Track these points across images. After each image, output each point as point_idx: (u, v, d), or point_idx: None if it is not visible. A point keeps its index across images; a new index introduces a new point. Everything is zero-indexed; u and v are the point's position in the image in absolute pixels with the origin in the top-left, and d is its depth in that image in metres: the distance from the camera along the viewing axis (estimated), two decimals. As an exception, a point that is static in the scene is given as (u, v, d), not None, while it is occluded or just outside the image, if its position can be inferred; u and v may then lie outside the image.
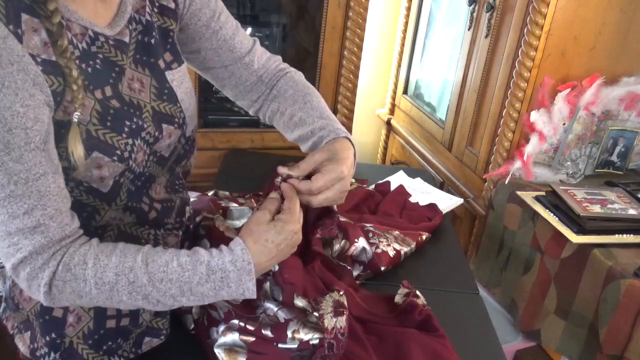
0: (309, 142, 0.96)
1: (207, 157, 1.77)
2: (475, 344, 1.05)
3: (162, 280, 0.75)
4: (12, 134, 0.66)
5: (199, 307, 0.97)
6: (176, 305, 0.78)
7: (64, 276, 0.73)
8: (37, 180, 0.69)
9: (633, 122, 1.66)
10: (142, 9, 0.85)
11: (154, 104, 0.85)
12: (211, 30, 0.96)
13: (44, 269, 0.72)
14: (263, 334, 0.88)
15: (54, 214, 0.72)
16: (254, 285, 0.79)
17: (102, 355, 0.87)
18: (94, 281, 0.73)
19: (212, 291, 0.77)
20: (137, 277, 0.74)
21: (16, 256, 0.71)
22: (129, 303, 0.76)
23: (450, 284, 1.23)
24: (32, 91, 0.67)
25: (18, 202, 0.69)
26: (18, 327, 0.89)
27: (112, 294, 0.75)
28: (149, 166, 0.86)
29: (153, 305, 0.77)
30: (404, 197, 1.49)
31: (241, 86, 1.02)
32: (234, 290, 0.78)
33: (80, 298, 0.75)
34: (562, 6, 1.49)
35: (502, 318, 1.64)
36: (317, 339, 0.87)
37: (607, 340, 1.29)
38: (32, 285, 0.73)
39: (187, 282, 0.76)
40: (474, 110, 1.85)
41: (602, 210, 1.45)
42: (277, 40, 1.91)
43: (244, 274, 0.78)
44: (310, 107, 0.98)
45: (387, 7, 2.37)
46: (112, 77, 0.79)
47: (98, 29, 0.78)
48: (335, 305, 0.93)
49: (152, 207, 0.89)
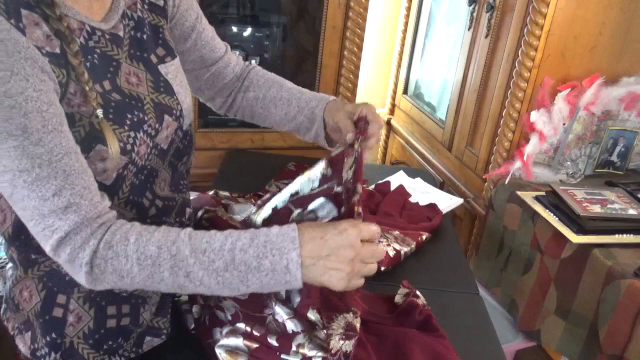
0: (295, 120, 1.05)
1: (207, 157, 1.77)
2: (475, 344, 1.05)
3: (204, 252, 0.72)
4: (28, 118, 0.67)
5: (200, 307, 0.97)
6: (218, 286, 0.73)
7: (106, 254, 0.72)
8: (60, 161, 0.70)
9: (633, 122, 1.66)
10: (133, 5, 0.87)
11: (153, 96, 0.86)
12: (196, 32, 1.00)
13: (84, 247, 0.71)
14: (268, 341, 0.86)
15: (83, 191, 0.72)
16: (299, 260, 0.71)
17: (103, 355, 0.87)
18: (135, 256, 0.72)
19: (255, 260, 0.71)
20: (180, 249, 0.72)
21: (53, 237, 0.71)
22: (170, 282, 0.73)
23: (450, 284, 1.23)
24: (42, 77, 0.69)
25: (45, 185, 0.69)
26: (18, 327, 0.89)
27: (153, 271, 0.72)
28: (151, 159, 0.86)
29: (195, 286, 0.73)
30: (404, 197, 1.49)
31: (219, 84, 1.10)
32: (277, 261, 0.71)
33: (121, 279, 0.73)
34: (562, 6, 1.49)
35: (502, 318, 1.64)
36: (320, 358, 0.84)
37: (607, 340, 1.29)
38: (73, 266, 0.72)
39: (230, 249, 0.72)
40: (474, 110, 1.85)
41: (602, 210, 1.45)
42: (277, 40, 1.91)
43: (288, 242, 0.72)
44: (287, 87, 1.08)
45: (387, 7, 2.37)
46: (110, 72, 0.80)
47: (94, 24, 0.79)
48: (346, 328, 0.89)
49: (153, 203, 0.89)
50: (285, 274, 0.72)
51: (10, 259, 0.88)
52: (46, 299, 0.85)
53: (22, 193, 0.69)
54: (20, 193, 0.69)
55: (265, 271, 0.72)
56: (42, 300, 0.85)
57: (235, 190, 1.36)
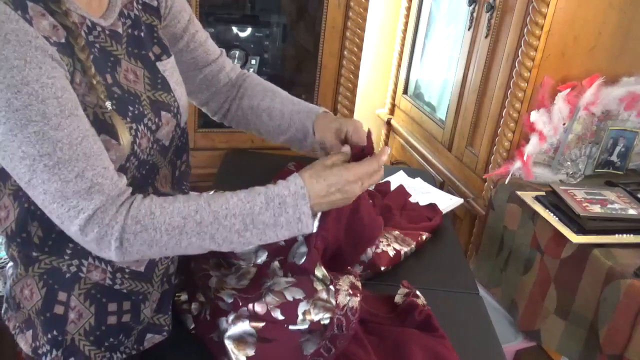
0: (288, 132, 1.06)
1: (207, 157, 1.77)
2: (475, 344, 1.05)
3: (226, 217, 0.78)
4: (46, 104, 0.69)
5: (198, 303, 0.97)
6: (242, 243, 0.80)
7: (134, 229, 0.75)
8: (80, 144, 0.72)
9: (633, 122, 1.66)
10: (129, 4, 0.88)
11: (149, 93, 0.87)
12: (189, 33, 1.01)
13: (112, 225, 0.74)
14: (273, 317, 0.87)
15: (104, 172, 0.74)
16: (310, 212, 0.81)
17: (104, 351, 0.88)
18: (164, 228, 0.76)
19: (272, 219, 0.80)
20: (203, 217, 0.77)
21: (80, 217, 0.73)
22: (197, 244, 0.79)
23: (450, 284, 1.23)
24: (53, 64, 0.71)
25: (68, 167, 0.71)
26: (20, 326, 0.89)
27: (181, 238, 0.77)
28: (152, 154, 0.87)
29: (219, 245, 0.79)
30: (404, 197, 1.49)
31: (213, 88, 1.09)
32: (291, 216, 0.80)
33: (150, 248, 0.77)
34: (562, 6, 1.49)
35: (502, 318, 1.64)
36: (328, 319, 0.87)
37: (607, 340, 1.29)
38: (102, 242, 0.74)
39: (249, 213, 0.79)
40: (474, 110, 1.85)
41: (602, 210, 1.45)
42: (277, 40, 1.91)
43: (299, 198, 0.81)
44: (280, 98, 1.08)
45: (387, 7, 2.37)
46: (109, 67, 0.82)
47: (94, 19, 0.81)
48: (351, 286, 0.93)
49: None
50: (299, 223, 0.81)
51: (10, 258, 0.88)
52: (47, 297, 0.85)
53: (42, 177, 0.71)
54: (41, 177, 0.71)
55: (281, 225, 0.81)
56: (42, 298, 0.85)
57: (235, 190, 1.35)
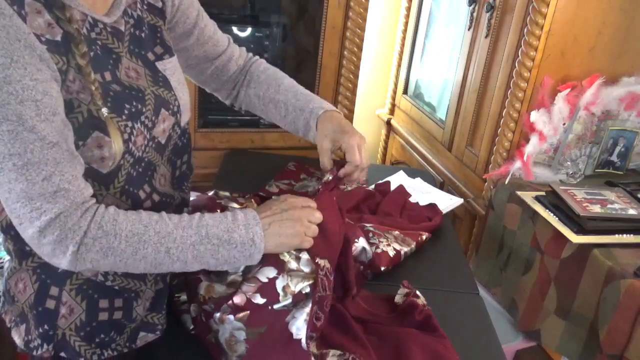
0: (293, 125, 1.09)
1: (207, 157, 1.77)
2: (475, 344, 1.05)
3: (184, 228, 0.80)
4: (24, 106, 0.69)
5: (197, 305, 0.97)
6: (196, 258, 0.81)
7: (95, 234, 0.75)
8: (51, 149, 0.71)
9: (633, 122, 1.66)
10: (133, 5, 0.89)
11: (153, 88, 0.87)
12: (198, 28, 1.03)
13: (74, 229, 0.73)
14: (254, 303, 0.86)
15: (72, 179, 0.74)
16: (262, 234, 0.84)
17: (95, 347, 0.87)
18: (124, 234, 0.76)
19: (226, 233, 0.82)
20: (162, 227, 0.79)
21: (41, 219, 0.72)
22: (151, 257, 0.78)
23: (450, 284, 1.23)
24: (40, 66, 0.70)
25: (36, 169, 0.71)
26: (15, 320, 0.90)
27: (138, 247, 0.77)
28: (148, 152, 0.87)
29: (172, 262, 0.80)
30: (404, 197, 1.49)
31: (224, 77, 1.13)
32: (244, 234, 0.83)
33: (105, 257, 0.76)
34: (562, 6, 1.49)
35: (502, 318, 1.64)
36: (308, 287, 0.87)
37: (607, 340, 1.29)
38: (59, 247, 0.74)
39: (204, 225, 0.81)
40: (474, 110, 1.85)
41: (602, 210, 1.45)
42: (277, 40, 1.91)
43: (250, 219, 0.84)
44: (283, 88, 1.10)
45: (387, 7, 2.37)
46: (110, 64, 0.82)
47: (97, 17, 0.81)
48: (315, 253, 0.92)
49: (150, 196, 0.89)
50: (251, 246, 0.83)
51: (7, 251, 0.89)
52: (39, 291, 0.85)
53: (9, 176, 0.70)
54: (8, 176, 0.70)
55: (234, 243, 0.82)
56: (35, 292, 0.86)
57: (235, 190, 1.35)
